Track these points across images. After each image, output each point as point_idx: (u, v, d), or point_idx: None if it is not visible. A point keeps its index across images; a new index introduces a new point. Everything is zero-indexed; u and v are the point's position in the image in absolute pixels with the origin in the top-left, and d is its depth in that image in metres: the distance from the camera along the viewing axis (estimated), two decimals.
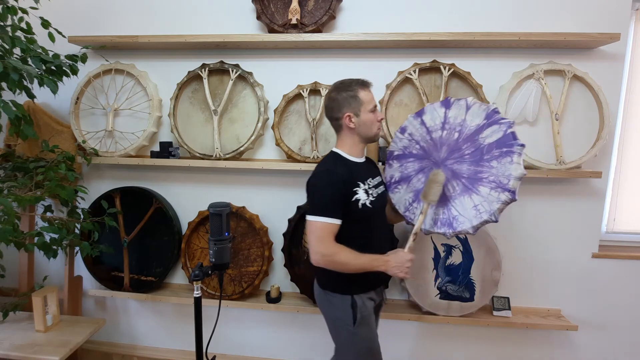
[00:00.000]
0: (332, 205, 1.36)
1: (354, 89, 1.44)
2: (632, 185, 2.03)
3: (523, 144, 1.32)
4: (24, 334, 1.89)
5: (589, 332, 2.04)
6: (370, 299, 1.49)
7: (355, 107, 1.43)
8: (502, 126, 1.35)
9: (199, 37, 1.91)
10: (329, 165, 1.44)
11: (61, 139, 2.10)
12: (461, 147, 1.44)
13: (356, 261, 1.37)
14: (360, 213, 1.40)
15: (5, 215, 1.67)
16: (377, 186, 1.51)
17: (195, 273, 1.43)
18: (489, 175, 1.36)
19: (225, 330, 2.25)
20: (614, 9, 1.81)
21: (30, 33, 1.79)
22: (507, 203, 1.32)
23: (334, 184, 1.37)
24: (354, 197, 1.39)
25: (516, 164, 1.31)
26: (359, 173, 1.45)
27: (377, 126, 1.48)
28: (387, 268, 1.40)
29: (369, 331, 1.47)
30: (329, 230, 1.35)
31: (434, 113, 1.53)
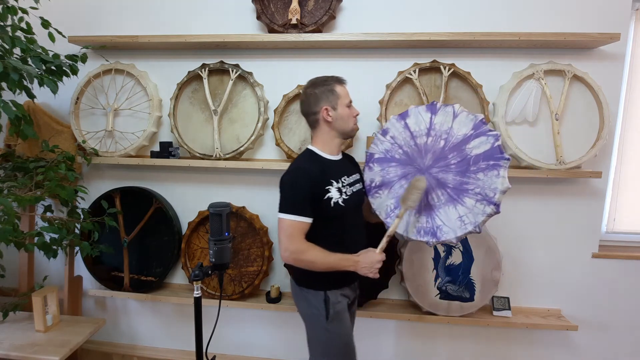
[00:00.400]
0: (302, 203, 1.36)
1: (331, 84, 1.45)
2: (632, 185, 2.03)
3: (509, 158, 1.32)
4: (24, 334, 1.89)
5: (589, 332, 2.04)
6: (344, 296, 1.50)
7: (332, 100, 1.44)
8: (489, 138, 1.35)
9: (199, 37, 1.91)
10: (301, 163, 1.44)
11: (61, 139, 2.10)
12: (447, 156, 1.42)
13: (325, 260, 1.38)
14: (332, 211, 1.40)
15: (5, 215, 1.67)
16: (352, 184, 1.51)
17: (195, 273, 1.43)
18: (475, 187, 1.35)
19: (225, 330, 2.25)
20: (614, 9, 1.81)
21: (30, 33, 1.79)
22: (491, 215, 1.33)
23: (305, 182, 1.37)
24: (326, 195, 1.39)
25: (502, 177, 1.31)
26: (333, 171, 1.45)
27: (353, 121, 1.49)
28: (356, 268, 1.41)
29: (342, 327, 1.48)
30: (299, 228, 1.36)
31: (418, 117, 1.49)
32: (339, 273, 1.43)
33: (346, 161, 1.58)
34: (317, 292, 1.46)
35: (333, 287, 1.47)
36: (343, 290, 1.49)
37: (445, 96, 1.85)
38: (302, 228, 1.37)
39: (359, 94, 1.95)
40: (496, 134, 1.35)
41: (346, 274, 1.44)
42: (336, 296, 1.47)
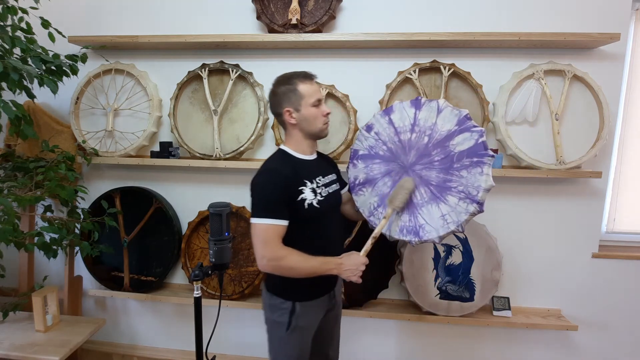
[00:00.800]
0: (276, 205, 1.28)
1: (294, 82, 1.35)
2: (632, 185, 2.03)
3: (493, 155, 1.28)
4: (24, 334, 1.89)
5: (589, 332, 2.04)
6: (317, 307, 1.43)
7: (295, 101, 1.35)
8: (473, 134, 1.29)
9: (199, 37, 1.91)
10: (273, 164, 1.37)
11: (61, 139, 2.10)
12: (431, 153, 1.36)
13: (306, 264, 1.30)
14: (307, 213, 1.32)
15: (5, 215, 1.67)
16: (328, 185, 1.44)
17: (195, 273, 1.43)
18: (458, 185, 1.30)
19: (225, 330, 2.25)
20: (614, 9, 1.81)
21: (30, 33, 1.79)
22: (474, 214, 1.28)
23: (277, 183, 1.29)
24: (300, 196, 1.31)
25: (486, 175, 1.26)
26: (307, 171, 1.38)
27: (321, 121, 1.38)
28: (339, 271, 1.33)
29: (302, 339, 1.40)
30: (274, 232, 1.27)
31: (403, 113, 1.43)
32: (313, 282, 1.35)
33: (322, 161, 1.51)
34: (285, 302, 1.38)
35: (304, 298, 1.39)
36: (317, 302, 1.42)
37: (446, 96, 1.85)
38: (278, 232, 1.28)
39: (359, 94, 1.96)
40: (481, 129, 1.28)
41: (320, 283, 1.39)
42: (306, 308, 1.39)
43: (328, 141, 1.97)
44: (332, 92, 1.92)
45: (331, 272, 1.33)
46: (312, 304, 1.41)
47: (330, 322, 1.55)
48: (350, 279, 1.33)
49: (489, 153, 1.27)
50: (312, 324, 1.44)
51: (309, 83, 1.37)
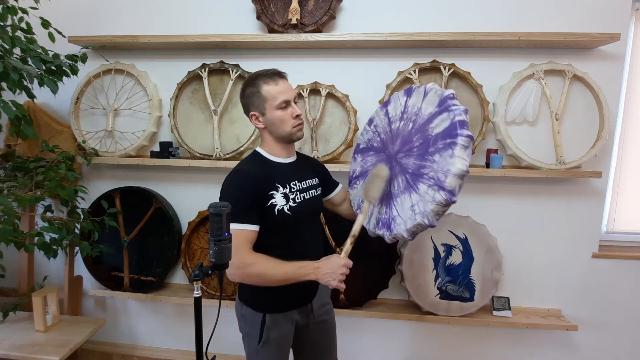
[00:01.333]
0: (244, 209, 1.19)
1: (257, 84, 1.27)
2: (632, 185, 2.03)
3: (470, 135, 1.09)
4: (24, 334, 1.89)
5: (589, 332, 2.04)
6: (290, 321, 1.34)
7: (259, 105, 1.27)
8: (450, 114, 1.13)
9: (199, 37, 1.91)
10: (242, 165, 1.29)
11: (61, 139, 2.10)
12: (412, 139, 1.24)
13: (277, 271, 1.19)
14: (277, 220, 1.24)
15: (5, 215, 1.67)
16: (305, 190, 1.34)
17: (195, 273, 1.42)
18: (430, 171, 1.14)
19: (225, 330, 2.24)
20: (614, 9, 1.81)
21: (30, 33, 1.79)
22: (442, 205, 1.11)
23: (244, 185, 1.21)
24: (270, 201, 1.23)
25: (457, 157, 1.08)
26: (281, 174, 1.30)
27: (290, 124, 1.28)
28: (317, 276, 1.20)
29: (275, 354, 1.33)
30: (243, 237, 1.18)
31: (397, 102, 1.37)
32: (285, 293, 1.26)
33: (302, 164, 1.41)
34: (256, 313, 1.31)
35: (275, 309, 1.31)
36: (288, 314, 1.33)
37: None
38: (247, 237, 1.20)
39: (359, 94, 1.96)
40: (459, 108, 1.13)
41: (293, 294, 1.30)
42: (276, 320, 1.31)
43: (328, 141, 1.98)
44: (332, 92, 1.92)
45: (308, 277, 1.21)
46: (284, 315, 1.33)
47: (316, 336, 1.46)
48: (330, 284, 1.20)
49: (463, 132, 1.09)
50: (286, 337, 1.35)
51: (274, 83, 1.27)
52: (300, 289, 1.28)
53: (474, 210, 1.95)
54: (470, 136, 1.10)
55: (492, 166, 1.83)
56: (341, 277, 1.20)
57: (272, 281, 1.22)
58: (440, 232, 1.91)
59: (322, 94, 1.93)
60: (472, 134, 1.11)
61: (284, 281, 1.22)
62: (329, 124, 1.98)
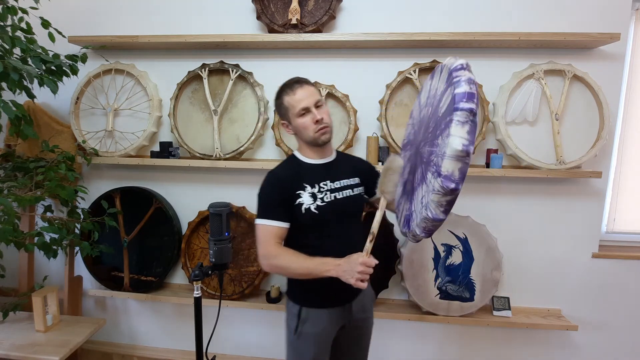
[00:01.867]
0: (272, 207, 1.29)
1: (281, 96, 1.34)
2: (632, 185, 2.03)
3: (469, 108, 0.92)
4: (24, 334, 1.89)
5: (589, 332, 2.04)
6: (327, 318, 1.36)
7: (285, 114, 1.34)
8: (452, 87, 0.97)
9: (199, 37, 1.91)
10: (276, 167, 1.38)
11: (61, 139, 2.10)
12: (429, 125, 1.13)
13: (300, 265, 1.25)
14: (305, 219, 1.29)
15: (5, 215, 1.67)
16: (338, 190, 1.35)
17: (195, 273, 1.43)
18: (435, 157, 1.02)
19: (225, 330, 2.25)
20: (614, 9, 1.81)
21: (30, 33, 1.79)
22: (441, 194, 0.96)
23: (273, 185, 1.32)
24: (297, 200, 1.29)
25: (452, 136, 0.92)
26: (311, 174, 1.33)
27: (312, 129, 1.29)
28: (338, 273, 1.21)
29: (307, 350, 1.36)
30: (270, 232, 1.28)
31: (425, 87, 1.28)
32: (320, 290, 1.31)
33: (339, 164, 1.42)
34: (294, 305, 1.38)
35: (311, 304, 1.35)
36: (325, 311, 1.36)
37: None
38: (275, 232, 1.28)
39: (359, 94, 1.96)
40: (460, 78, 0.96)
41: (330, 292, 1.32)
42: (311, 315, 1.35)
43: None
44: (332, 92, 1.92)
45: (329, 273, 1.22)
46: (320, 312, 1.36)
47: (349, 339, 1.46)
48: (349, 281, 1.19)
49: (459, 106, 0.93)
50: (320, 334, 1.37)
51: (292, 93, 1.31)
52: (338, 289, 1.27)
53: (474, 210, 1.95)
54: (470, 109, 0.92)
55: (492, 166, 1.83)
56: (359, 276, 1.16)
57: (295, 274, 1.29)
58: (440, 232, 1.91)
59: (322, 94, 1.92)
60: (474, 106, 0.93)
61: (306, 275, 1.26)
62: None
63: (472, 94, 0.93)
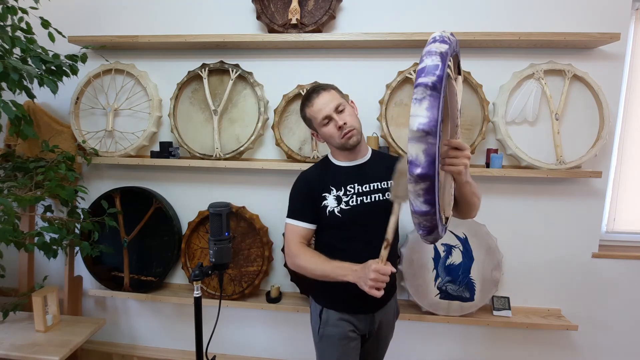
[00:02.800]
0: (297, 207, 1.35)
1: (304, 110, 1.37)
2: (632, 185, 2.03)
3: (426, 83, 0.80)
4: (24, 334, 1.89)
5: (589, 332, 2.04)
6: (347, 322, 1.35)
7: (312, 126, 1.39)
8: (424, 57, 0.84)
9: (199, 37, 1.91)
10: (309, 167, 1.44)
11: (61, 139, 2.10)
12: None
13: (317, 266, 1.28)
14: (328, 220, 1.33)
15: (5, 215, 1.67)
16: (365, 193, 1.33)
17: (195, 273, 1.43)
18: None
19: (225, 330, 2.25)
20: (614, 9, 1.81)
21: (30, 33, 1.79)
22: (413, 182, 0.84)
23: (301, 187, 1.37)
24: (322, 202, 1.34)
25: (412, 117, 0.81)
26: (338, 177, 1.35)
27: (338, 135, 1.30)
28: (354, 278, 1.19)
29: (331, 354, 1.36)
30: (295, 232, 1.34)
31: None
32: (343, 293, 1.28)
33: (372, 167, 1.38)
34: (317, 305, 1.42)
35: (331, 306, 1.38)
36: (344, 316, 1.36)
37: None
38: (299, 232, 1.34)
39: (359, 94, 1.95)
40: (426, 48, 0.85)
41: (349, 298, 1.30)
42: (333, 318, 1.36)
43: None
44: None
45: (346, 278, 1.21)
46: (341, 316, 1.36)
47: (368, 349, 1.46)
48: (363, 288, 1.15)
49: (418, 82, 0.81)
50: (341, 339, 1.35)
51: (310, 105, 1.33)
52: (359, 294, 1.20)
53: None
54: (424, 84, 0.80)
55: (492, 166, 1.83)
56: (372, 283, 1.12)
57: (313, 275, 1.31)
58: None
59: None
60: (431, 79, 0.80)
61: (324, 277, 1.28)
62: None
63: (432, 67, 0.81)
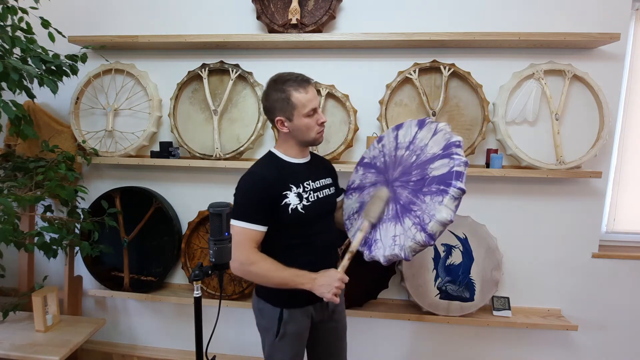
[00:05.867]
0: (252, 209, 1.26)
1: (287, 91, 1.27)
2: (632, 185, 2.03)
3: (463, 189, 1.13)
4: (24, 334, 1.89)
5: (589, 332, 2.04)
6: (306, 315, 1.39)
7: (287, 111, 1.28)
8: (451, 162, 1.16)
9: (199, 37, 1.91)
10: (258, 167, 1.34)
11: (61, 139, 2.10)
12: (411, 172, 1.29)
13: (277, 274, 1.26)
14: (291, 218, 1.29)
15: (5, 215, 1.67)
16: (319, 189, 1.38)
17: (195, 273, 1.42)
18: (418, 210, 1.20)
19: (225, 330, 2.25)
20: (614, 9, 1.81)
21: (30, 33, 1.79)
22: (420, 245, 1.16)
23: (256, 187, 1.27)
24: (284, 201, 1.28)
25: (445, 207, 1.12)
26: (294, 175, 1.34)
27: (315, 130, 1.32)
28: (313, 287, 1.25)
29: (292, 347, 1.38)
30: (248, 236, 1.25)
31: (408, 130, 1.40)
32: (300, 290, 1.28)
33: (315, 164, 1.45)
34: (274, 308, 1.36)
35: (292, 305, 1.36)
36: (305, 310, 1.38)
37: (445, 96, 1.85)
38: (253, 237, 1.26)
39: (359, 94, 1.96)
40: (460, 158, 1.16)
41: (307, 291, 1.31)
42: (294, 315, 1.36)
43: (328, 141, 1.97)
44: (332, 92, 1.92)
45: (304, 286, 1.26)
46: (301, 311, 1.38)
47: (329, 335, 1.50)
48: (325, 296, 1.24)
49: (458, 185, 1.12)
50: (303, 332, 1.40)
51: (304, 91, 1.28)
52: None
53: (474, 210, 1.95)
54: (463, 189, 1.13)
55: (492, 166, 1.83)
56: (336, 291, 1.24)
57: (269, 283, 1.28)
58: None
59: (322, 94, 1.93)
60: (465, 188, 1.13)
61: (282, 285, 1.28)
62: (328, 124, 1.98)
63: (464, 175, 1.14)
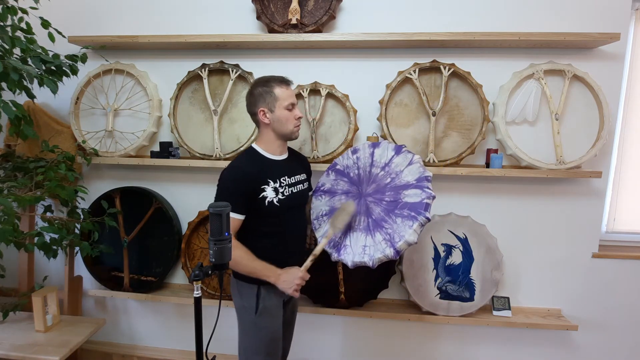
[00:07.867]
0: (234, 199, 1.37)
1: (271, 85, 1.47)
2: (632, 185, 2.03)
3: (428, 218, 1.38)
4: (24, 334, 1.89)
5: (589, 332, 2.04)
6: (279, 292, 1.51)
7: (270, 102, 1.47)
8: (423, 194, 1.41)
9: (199, 37, 1.91)
10: (239, 162, 1.49)
11: (61, 139, 2.10)
12: (385, 192, 1.51)
13: (248, 263, 1.43)
14: (267, 210, 1.45)
15: (5, 215, 1.67)
16: (293, 184, 1.55)
17: (195, 273, 1.42)
18: (389, 228, 1.43)
19: (225, 330, 2.25)
20: (614, 9, 1.81)
21: (30, 33, 1.79)
22: (387, 258, 1.39)
23: (237, 180, 1.43)
24: (261, 194, 1.44)
25: (413, 231, 1.36)
26: (273, 170, 1.50)
27: (293, 124, 1.50)
28: (277, 281, 1.44)
29: (271, 322, 1.52)
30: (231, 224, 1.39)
31: (384, 152, 1.60)
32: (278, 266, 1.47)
33: (292, 161, 1.61)
34: (251, 286, 1.50)
35: (267, 283, 1.49)
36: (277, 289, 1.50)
37: (445, 96, 1.85)
38: (234, 225, 1.41)
39: (359, 94, 1.96)
40: (431, 193, 1.40)
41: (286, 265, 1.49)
42: (269, 291, 1.50)
43: (328, 141, 1.98)
44: (332, 92, 1.92)
45: (269, 279, 1.44)
46: (274, 288, 1.49)
47: (288, 313, 1.66)
48: (286, 290, 1.44)
49: (426, 215, 1.37)
50: (278, 307, 1.55)
51: (286, 87, 1.49)
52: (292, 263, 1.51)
53: (474, 210, 1.95)
54: (429, 219, 1.38)
55: (492, 166, 1.83)
56: (296, 287, 1.44)
57: (241, 269, 1.45)
58: (440, 232, 1.91)
59: (322, 94, 1.93)
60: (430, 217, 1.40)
61: (249, 273, 1.45)
62: (328, 124, 1.98)
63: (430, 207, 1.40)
